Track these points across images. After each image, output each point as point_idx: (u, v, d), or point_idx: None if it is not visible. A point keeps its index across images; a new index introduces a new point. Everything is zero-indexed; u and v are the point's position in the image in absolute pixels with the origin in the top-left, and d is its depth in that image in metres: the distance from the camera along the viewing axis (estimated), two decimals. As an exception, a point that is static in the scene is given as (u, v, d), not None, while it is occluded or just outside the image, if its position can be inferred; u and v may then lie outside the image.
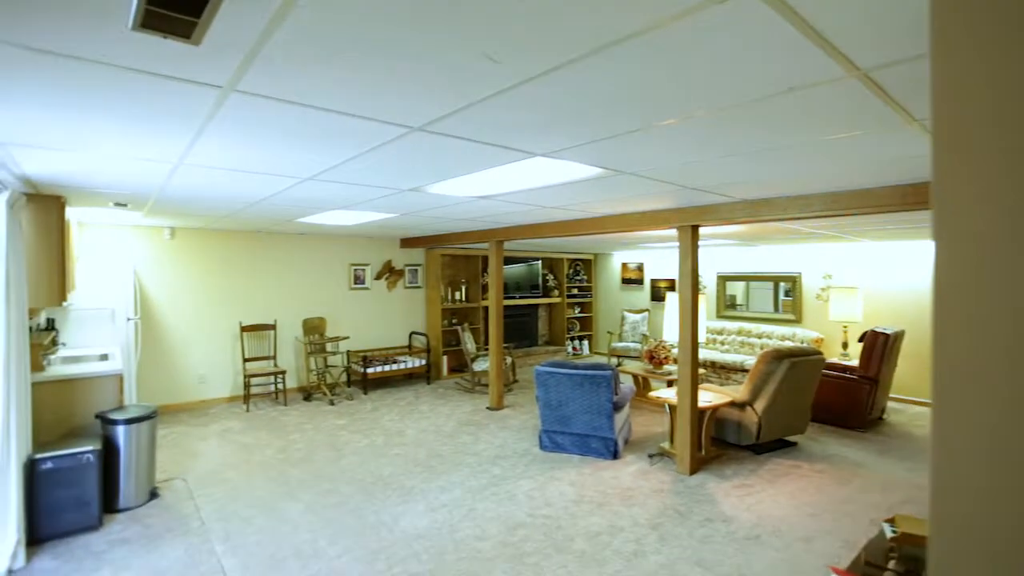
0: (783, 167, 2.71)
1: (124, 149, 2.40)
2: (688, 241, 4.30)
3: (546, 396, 4.81)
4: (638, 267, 9.93)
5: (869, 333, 5.59)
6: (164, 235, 6.20)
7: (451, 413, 6.26)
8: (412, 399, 6.94)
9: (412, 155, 2.48)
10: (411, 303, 8.51)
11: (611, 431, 4.66)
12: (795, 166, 2.68)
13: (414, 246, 8.07)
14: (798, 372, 4.74)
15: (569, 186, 3.31)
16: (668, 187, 3.34)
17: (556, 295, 10.10)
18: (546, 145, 2.28)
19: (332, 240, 7.57)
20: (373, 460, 4.67)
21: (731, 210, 3.96)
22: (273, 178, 3.11)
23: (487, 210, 4.57)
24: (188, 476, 4.26)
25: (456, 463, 4.60)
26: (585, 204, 4.14)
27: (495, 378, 6.42)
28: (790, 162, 2.59)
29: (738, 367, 7.27)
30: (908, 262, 6.75)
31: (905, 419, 6.11)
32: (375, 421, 5.89)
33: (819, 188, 3.35)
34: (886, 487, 4.17)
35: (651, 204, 4.11)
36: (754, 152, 2.39)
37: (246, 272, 6.80)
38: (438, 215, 4.98)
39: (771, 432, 4.82)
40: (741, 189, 3.40)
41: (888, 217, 4.18)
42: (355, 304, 7.83)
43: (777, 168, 2.74)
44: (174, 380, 6.29)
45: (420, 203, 4.14)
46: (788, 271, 7.81)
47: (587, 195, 3.69)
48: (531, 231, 5.78)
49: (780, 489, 4.12)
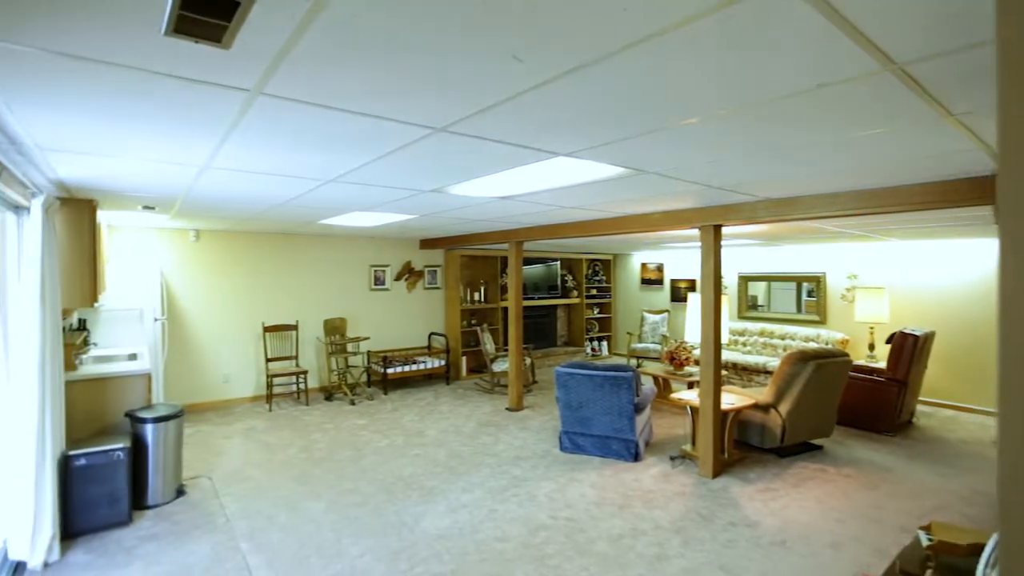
0: (810, 165, 2.66)
1: (153, 153, 2.45)
2: (710, 241, 4.24)
3: (566, 397, 4.79)
4: (658, 267, 9.84)
5: (897, 334, 5.45)
6: (190, 237, 6.32)
7: (471, 414, 6.27)
8: (432, 399, 6.97)
9: (435, 156, 2.49)
10: (430, 304, 8.55)
11: (632, 433, 4.62)
12: (822, 164, 2.63)
13: (433, 247, 8.11)
14: (824, 374, 4.64)
15: (591, 186, 3.29)
16: (691, 187, 3.30)
17: (575, 296, 10.06)
18: (569, 145, 2.27)
19: (353, 241, 7.64)
20: (394, 460, 4.70)
21: (754, 209, 3.90)
22: (296, 181, 3.15)
23: (507, 211, 4.57)
24: (213, 474, 4.33)
25: (476, 464, 4.61)
26: (606, 204, 4.12)
27: (515, 379, 6.42)
28: (817, 160, 2.54)
29: (760, 368, 7.16)
30: (938, 261, 6.57)
31: (936, 423, 5.95)
32: (395, 421, 5.93)
33: (846, 186, 3.28)
34: (917, 493, 4.06)
35: (673, 204, 4.07)
36: (780, 151, 2.35)
37: (269, 273, 6.90)
38: (458, 216, 5.00)
39: (796, 435, 4.73)
40: (765, 188, 3.34)
41: (917, 215, 4.08)
42: (375, 305, 7.90)
43: (803, 167, 2.69)
44: (199, 380, 6.41)
45: (441, 204, 4.15)
46: (812, 271, 7.67)
47: (608, 195, 3.67)
48: (551, 231, 5.76)
49: (806, 493, 4.04)
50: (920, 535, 1.72)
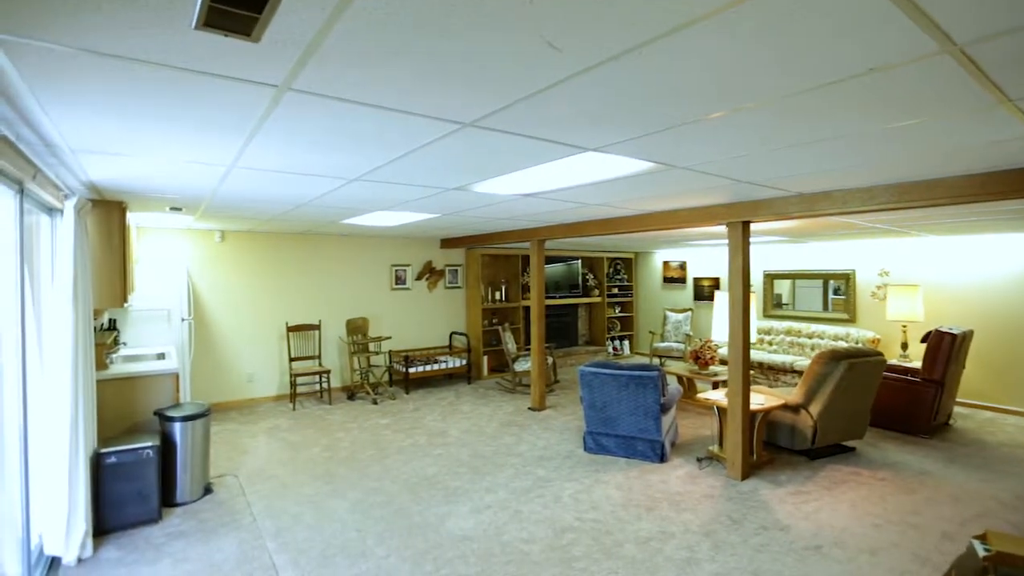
0: (848, 158, 2.56)
1: (181, 153, 2.46)
2: (738, 238, 4.14)
3: (591, 397, 4.73)
4: (680, 265, 9.70)
5: (933, 333, 5.27)
6: (215, 238, 6.40)
7: (492, 414, 6.24)
8: (453, 399, 6.96)
9: (461, 152, 2.46)
10: (451, 303, 8.55)
11: (658, 433, 4.54)
12: (862, 156, 2.53)
13: (454, 246, 8.10)
14: (857, 374, 4.50)
15: (618, 182, 3.23)
16: (720, 182, 3.21)
17: (596, 295, 9.97)
18: (598, 139, 2.22)
19: (374, 241, 7.67)
20: (417, 460, 4.68)
21: (785, 204, 3.79)
22: (321, 180, 3.14)
23: (530, 209, 4.53)
24: (239, 472, 4.37)
25: (499, 464, 4.57)
26: (631, 201, 4.04)
27: (537, 378, 6.37)
28: (857, 152, 2.44)
29: (787, 368, 7.00)
30: (975, 257, 6.35)
31: (974, 425, 5.75)
32: (417, 421, 5.93)
33: (884, 179, 3.17)
34: (957, 498, 3.91)
35: (700, 200, 3.98)
36: (818, 143, 2.26)
37: (292, 273, 6.96)
38: (480, 215, 4.96)
39: (827, 437, 4.60)
40: (799, 182, 3.24)
41: (957, 209, 3.93)
42: (397, 304, 7.92)
43: (842, 159, 2.59)
44: (224, 379, 6.49)
45: (464, 202, 4.12)
46: (840, 268, 7.47)
47: (635, 191, 3.60)
48: (573, 230, 5.70)
49: (839, 497, 3.92)
50: (975, 544, 1.63)
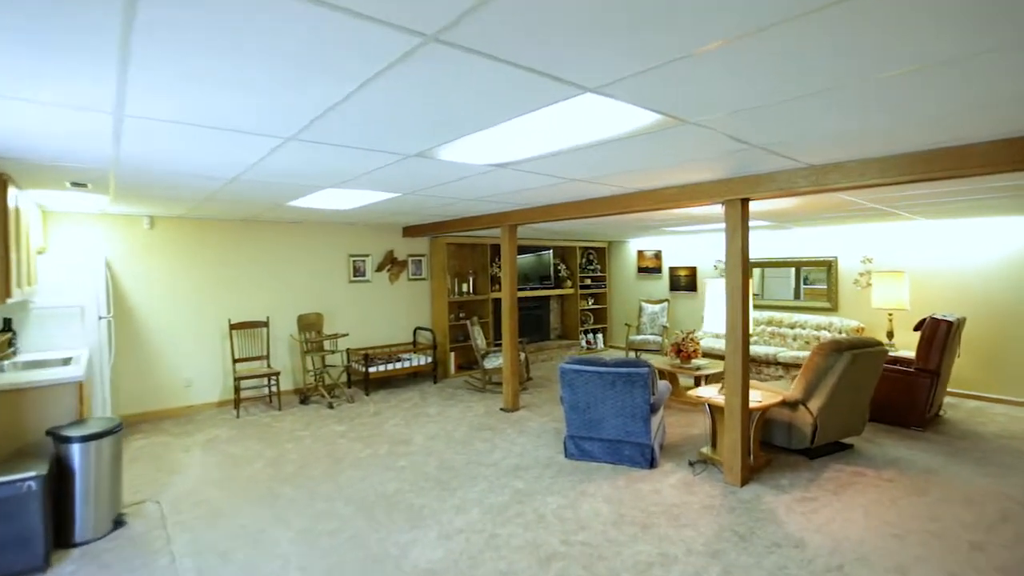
0: (873, 112, 2.12)
1: (40, 90, 1.81)
2: (737, 217, 3.71)
3: (572, 397, 4.24)
4: (655, 255, 9.33)
5: (928, 321, 5.00)
6: (143, 224, 5.62)
7: (462, 416, 5.70)
8: (418, 400, 6.38)
9: (423, 94, 1.90)
10: (415, 296, 7.94)
11: (647, 436, 4.09)
12: (888, 109, 2.09)
13: (418, 235, 7.48)
14: (859, 366, 4.16)
15: (610, 146, 2.72)
16: (726, 146, 2.74)
17: (568, 286, 9.51)
18: (602, 71, 1.70)
19: (329, 229, 6.99)
20: (376, 474, 4.10)
21: (792, 178, 3.37)
22: (244, 138, 2.52)
23: (502, 185, 3.98)
24: (163, 497, 3.69)
25: (471, 476, 4.04)
26: (619, 175, 3.55)
27: (510, 376, 5.85)
28: (883, 103, 2.00)
29: (771, 360, 6.69)
30: (959, 242, 6.14)
31: (965, 415, 5.53)
32: (378, 427, 5.33)
33: (906, 146, 2.76)
34: (971, 499, 3.60)
35: (695, 175, 3.52)
36: (842, 88, 1.80)
37: (235, 265, 6.22)
38: (446, 195, 4.39)
39: (827, 434, 4.24)
40: (812, 148, 2.80)
41: (979, 184, 3.59)
42: (355, 298, 7.26)
43: (865, 113, 2.15)
44: (157, 384, 5.73)
45: (427, 176, 3.55)
46: (822, 255, 7.21)
47: (626, 160, 3.10)
48: (549, 213, 5.19)
49: (848, 503, 3.55)
50: None
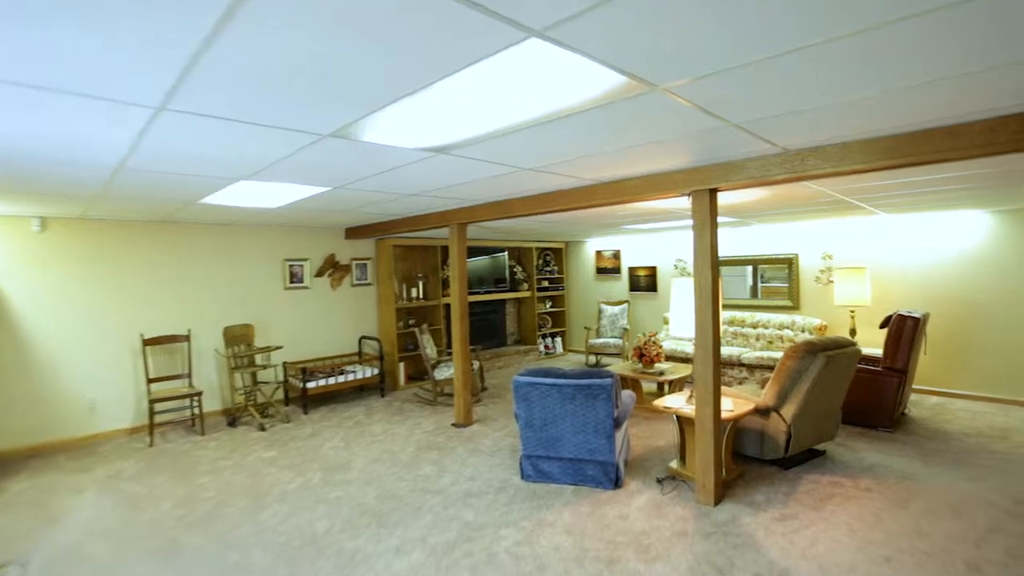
0: (861, 79, 1.78)
1: None
2: (705, 209, 3.36)
3: (528, 414, 3.81)
4: (614, 254, 9.04)
5: (895, 317, 4.82)
6: (32, 226, 4.86)
7: (409, 434, 5.18)
8: (362, 417, 5.81)
9: (313, 38, 1.41)
10: (360, 303, 7.35)
11: (611, 454, 3.70)
12: (878, 76, 1.75)
13: (362, 236, 6.91)
14: (833, 368, 3.89)
15: (564, 124, 2.30)
16: (701, 123, 2.37)
17: (525, 288, 9.10)
18: (544, 2, 1.26)
19: (262, 232, 6.33)
20: (305, 510, 3.55)
21: (765, 166, 3.04)
22: (97, 106, 1.97)
23: (443, 177, 3.52)
24: (32, 557, 3.03)
25: (415, 508, 3.54)
26: (576, 162, 3.14)
27: (461, 388, 5.37)
28: (873, 69, 1.66)
29: (734, 361, 6.46)
30: (920, 237, 6.06)
31: (928, 413, 5.41)
32: (314, 450, 4.75)
33: (892, 125, 2.46)
34: (956, 509, 3.36)
35: (661, 162, 3.15)
36: (831, 42, 1.44)
37: (151, 274, 5.51)
38: (382, 188, 3.89)
39: (801, 442, 3.96)
40: (796, 124, 2.46)
41: (958, 171, 3.37)
42: (292, 307, 6.62)
43: (853, 81, 1.80)
44: (53, 410, 4.96)
45: (353, 165, 3.05)
46: (782, 252, 7.06)
47: (582, 143, 2.69)
48: (500, 209, 4.75)
49: (831, 520, 3.24)
50: None
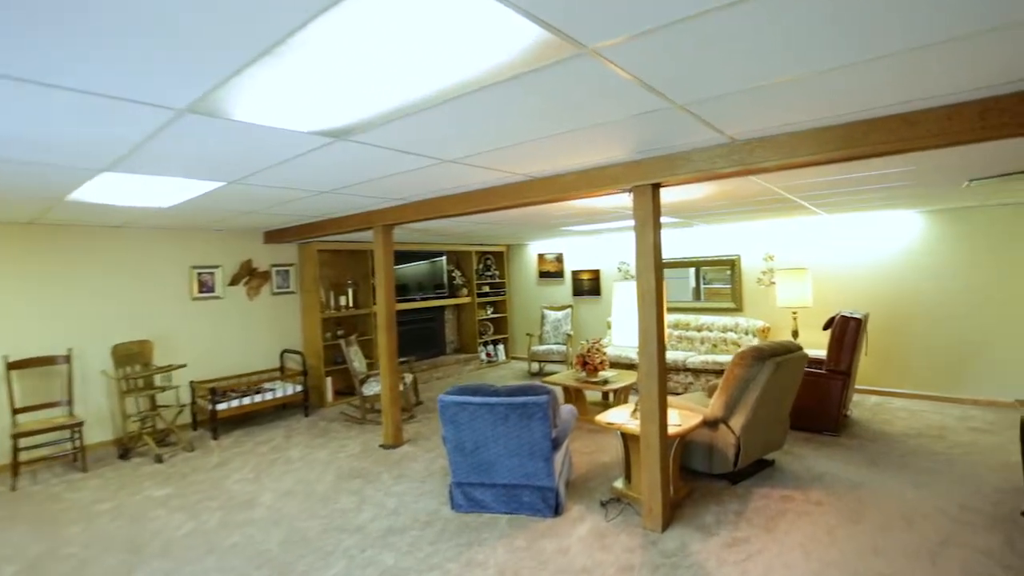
0: (831, 43, 1.50)
1: None
2: (648, 207, 3.06)
3: (457, 436, 3.38)
4: (557, 258, 8.76)
5: (838, 319, 4.72)
6: None
7: (331, 459, 4.64)
8: (280, 441, 5.22)
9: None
10: (282, 313, 6.70)
11: (549, 478, 3.33)
12: (850, 44, 1.47)
13: (282, 240, 6.28)
14: (782, 375, 3.69)
15: (479, 100, 1.91)
16: (641, 102, 2.04)
17: (464, 294, 8.67)
18: None
19: (162, 235, 5.61)
20: (190, 564, 2.98)
21: (711, 158, 2.76)
22: None
23: (353, 170, 3.06)
24: None
25: (326, 553, 3.05)
26: (502, 152, 2.76)
27: (389, 406, 4.88)
28: (841, 38, 1.37)
29: (679, 366, 6.27)
30: (858, 237, 6.08)
31: (869, 414, 5.37)
32: (217, 484, 4.14)
33: (848, 110, 2.22)
34: (907, 519, 3.19)
35: (599, 152, 2.82)
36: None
37: (14, 284, 4.71)
38: (286, 185, 3.38)
39: (750, 454, 3.74)
40: (747, 108, 2.18)
41: (903, 164, 3.21)
42: (201, 319, 5.92)
43: (822, 48, 1.52)
44: None
45: (235, 153, 2.54)
46: (725, 253, 6.96)
47: (505, 127, 2.31)
48: (428, 209, 4.31)
49: (783, 540, 3.00)
50: None
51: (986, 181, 3.60)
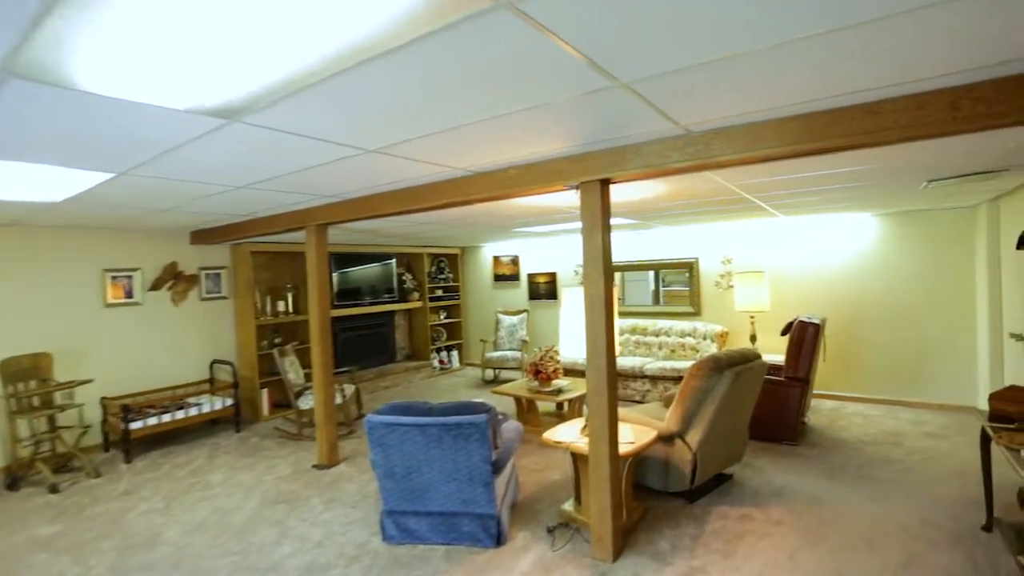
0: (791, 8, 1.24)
1: None
2: (597, 205, 2.77)
3: (386, 460, 3.02)
4: (512, 260, 8.45)
5: (797, 324, 4.57)
6: None
7: (256, 483, 4.19)
8: (203, 463, 4.72)
9: None
10: (213, 320, 6.17)
11: (490, 504, 3.00)
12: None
13: (211, 241, 5.75)
14: (741, 385, 3.47)
15: (390, 68, 1.56)
16: (581, 79, 1.74)
17: (416, 298, 8.27)
18: None
19: (65, 235, 5.02)
20: (63, 623, 2.52)
21: (664, 151, 2.50)
22: None
23: (264, 161, 2.66)
24: None
25: (229, 603, 2.64)
26: (434, 140, 2.43)
27: (323, 422, 4.46)
28: None
29: (636, 373, 6.05)
30: (814, 240, 5.99)
31: (826, 420, 5.27)
32: (117, 518, 3.64)
33: (811, 97, 1.98)
34: (869, 539, 3.01)
35: (541, 143, 2.52)
36: None
37: None
38: (188, 178, 2.94)
39: (708, 470, 3.51)
40: (700, 92, 1.91)
41: (858, 163, 3.02)
42: (115, 328, 5.34)
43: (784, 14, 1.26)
44: None
45: (98, 133, 2.12)
46: (683, 256, 6.80)
47: (430, 105, 1.98)
48: (363, 207, 3.93)
49: (742, 568, 2.76)
50: None
51: (944, 182, 3.48)
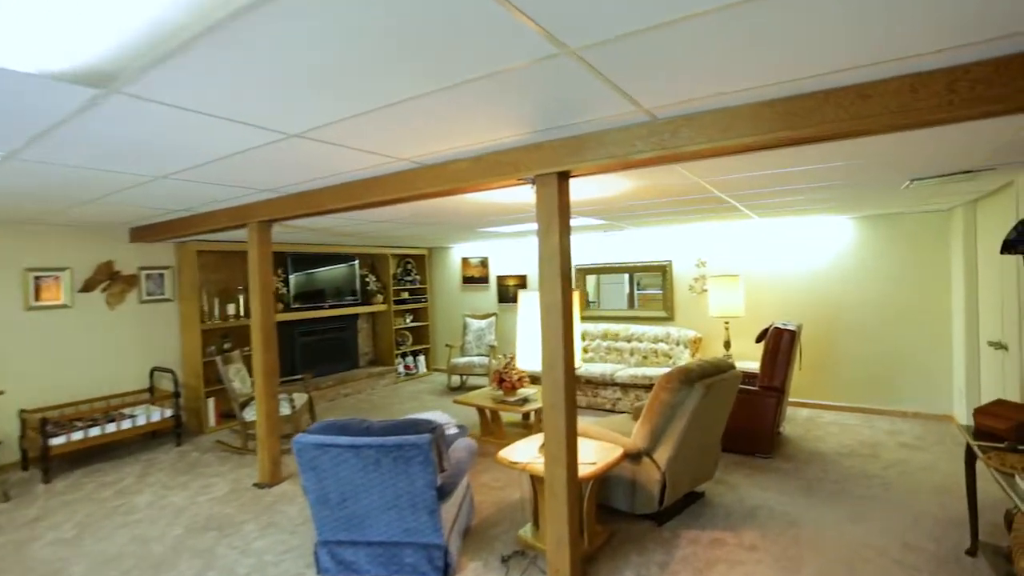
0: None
1: None
2: (553, 201, 2.48)
3: (319, 485, 2.68)
4: (482, 262, 8.14)
5: (772, 331, 4.35)
6: None
7: (188, 504, 3.80)
8: (132, 482, 4.30)
9: None
10: (154, 325, 5.72)
11: (436, 533, 2.69)
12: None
13: (152, 239, 5.31)
14: (713, 399, 3.22)
15: (281, 28, 1.25)
16: (528, 45, 1.45)
17: (380, 301, 7.90)
18: None
19: (-18, 229, 4.56)
20: None
21: (627, 139, 2.22)
22: None
23: (164, 146, 2.30)
24: None
25: (124, 657, 2.27)
26: (361, 118, 2.11)
27: (265, 436, 4.09)
28: None
29: (607, 380, 5.80)
30: (789, 244, 5.81)
31: (801, 430, 5.07)
32: (18, 550, 3.22)
33: (790, 76, 1.73)
34: (849, 565, 2.77)
35: (491, 127, 2.22)
36: None
37: None
38: (80, 164, 2.56)
39: (678, 490, 3.24)
40: (664, 66, 1.63)
41: (831, 159, 2.79)
42: (39, 333, 4.87)
43: None
44: None
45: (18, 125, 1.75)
46: (656, 259, 6.57)
47: (339, 68, 1.66)
48: (307, 203, 3.58)
49: (714, 604, 2.49)
50: None
51: (927, 182, 3.29)
